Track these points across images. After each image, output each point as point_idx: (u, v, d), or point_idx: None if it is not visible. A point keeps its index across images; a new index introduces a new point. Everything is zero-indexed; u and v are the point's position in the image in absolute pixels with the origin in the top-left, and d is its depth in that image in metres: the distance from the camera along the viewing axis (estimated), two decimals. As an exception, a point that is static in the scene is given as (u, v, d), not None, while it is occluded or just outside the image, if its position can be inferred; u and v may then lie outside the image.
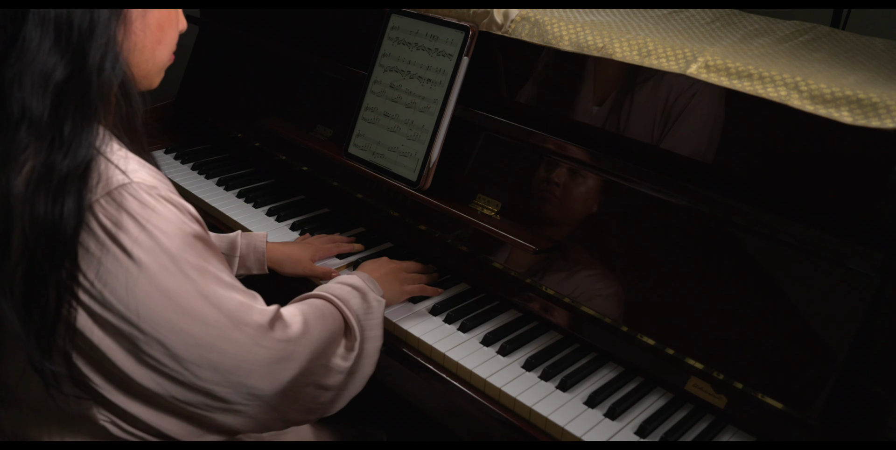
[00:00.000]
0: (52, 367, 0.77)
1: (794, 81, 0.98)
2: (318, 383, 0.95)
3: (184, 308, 0.79)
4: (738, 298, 1.02)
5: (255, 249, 1.33)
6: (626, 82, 1.16)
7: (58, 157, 0.73)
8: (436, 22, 1.35)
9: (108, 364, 0.80)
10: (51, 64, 0.73)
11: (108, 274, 0.75)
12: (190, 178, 1.71)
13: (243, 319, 0.83)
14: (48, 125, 0.74)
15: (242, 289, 0.87)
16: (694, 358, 1.04)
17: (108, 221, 0.75)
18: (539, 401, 1.07)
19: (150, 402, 0.83)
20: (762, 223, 1.01)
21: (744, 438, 1.04)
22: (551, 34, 1.22)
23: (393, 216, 1.43)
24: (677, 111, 1.10)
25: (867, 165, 0.94)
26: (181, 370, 0.80)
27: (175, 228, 0.79)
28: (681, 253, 1.08)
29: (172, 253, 0.78)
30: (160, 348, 0.79)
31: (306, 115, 1.63)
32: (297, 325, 0.92)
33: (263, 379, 0.85)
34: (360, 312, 1.06)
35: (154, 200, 0.78)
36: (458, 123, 1.33)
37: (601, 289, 1.14)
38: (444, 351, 1.15)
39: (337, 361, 0.98)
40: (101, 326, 0.78)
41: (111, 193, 0.75)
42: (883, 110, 0.91)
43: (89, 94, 0.76)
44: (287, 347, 0.88)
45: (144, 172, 0.80)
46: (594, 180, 1.18)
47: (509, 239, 1.20)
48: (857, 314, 0.93)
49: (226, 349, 0.81)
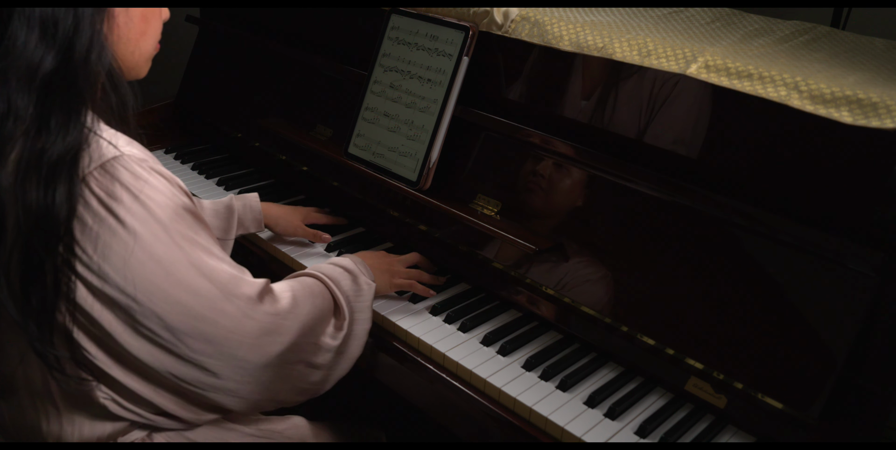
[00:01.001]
0: (53, 351, 0.79)
1: (794, 81, 0.98)
2: (308, 360, 0.97)
3: (176, 278, 0.81)
4: (738, 298, 1.02)
5: (252, 209, 1.38)
6: (626, 83, 1.16)
7: (46, 143, 0.74)
8: (436, 22, 1.35)
9: (107, 338, 0.82)
10: (37, 58, 0.75)
11: (105, 246, 0.77)
12: (190, 178, 1.71)
13: (233, 290, 0.85)
14: (34, 118, 0.75)
15: (232, 262, 0.89)
16: (694, 358, 1.04)
17: (103, 192, 0.77)
18: (539, 401, 1.07)
19: (148, 377, 0.86)
20: (763, 223, 1.01)
21: (744, 438, 1.04)
22: (551, 34, 1.23)
23: (393, 216, 1.43)
24: (680, 113, 1.10)
25: (867, 164, 0.94)
26: (175, 342, 0.82)
27: (166, 199, 0.81)
28: (681, 253, 1.08)
29: (165, 223, 0.80)
30: (156, 319, 0.81)
31: (306, 115, 1.63)
32: (286, 299, 0.94)
33: (252, 351, 0.87)
34: (350, 293, 1.07)
35: (146, 172, 0.80)
36: (458, 122, 1.33)
37: (601, 289, 1.14)
38: (444, 351, 1.15)
39: (326, 339, 1.00)
40: (100, 299, 0.80)
41: (104, 166, 0.77)
42: (883, 110, 0.91)
43: (76, 85, 0.77)
44: (275, 320, 0.90)
45: (134, 147, 0.82)
46: (594, 180, 1.18)
47: (509, 239, 1.20)
48: (857, 314, 0.93)
49: (216, 320, 0.84)
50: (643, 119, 1.14)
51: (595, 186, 1.18)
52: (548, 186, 1.23)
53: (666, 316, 1.07)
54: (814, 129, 0.97)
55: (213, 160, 1.82)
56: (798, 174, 1.00)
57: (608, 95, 1.18)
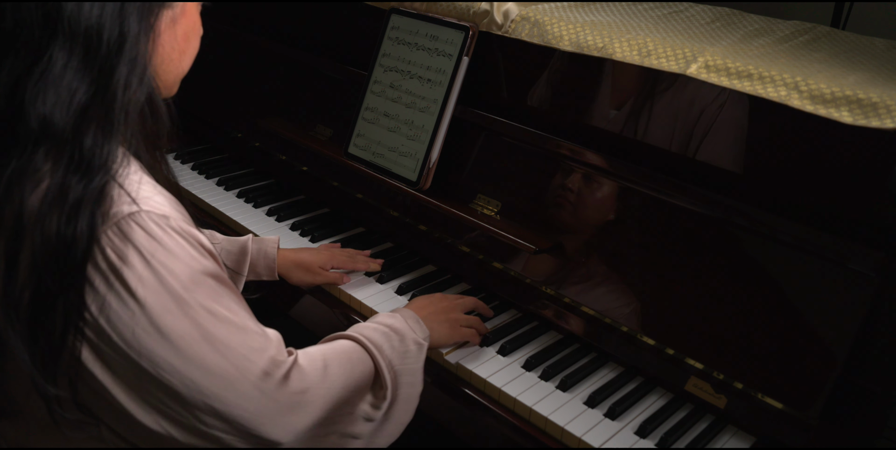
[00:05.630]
0: (56, 391, 0.74)
1: (794, 81, 0.98)
2: (343, 431, 0.89)
3: (187, 354, 0.75)
4: (738, 297, 1.02)
5: (266, 255, 1.28)
6: (627, 83, 1.16)
7: (75, 177, 0.71)
8: (436, 22, 1.34)
9: (110, 399, 0.76)
10: (77, 80, 0.72)
11: (112, 312, 0.73)
12: (190, 178, 1.71)
13: (251, 368, 0.78)
14: (68, 142, 0.71)
15: (258, 331, 0.81)
16: (694, 358, 1.04)
17: (114, 254, 0.73)
18: (539, 401, 1.07)
19: (155, 442, 0.79)
20: (763, 223, 1.01)
21: (744, 438, 1.04)
22: (551, 34, 1.22)
23: (393, 216, 1.43)
24: (681, 113, 1.10)
25: (867, 164, 0.94)
26: (187, 415, 0.76)
27: (182, 266, 0.75)
28: (681, 253, 1.08)
29: (177, 293, 0.74)
30: (165, 390, 0.75)
31: (306, 115, 1.63)
32: (315, 371, 0.86)
33: (275, 430, 0.80)
34: (393, 357, 0.97)
35: (162, 232, 0.75)
36: (457, 122, 1.33)
37: (601, 289, 1.14)
38: (444, 352, 1.15)
39: (365, 407, 0.92)
40: (105, 363, 0.75)
41: (119, 224, 0.73)
42: (883, 110, 0.91)
43: (113, 111, 0.74)
44: (300, 398, 0.82)
45: (159, 198, 0.77)
46: (594, 180, 1.18)
47: (509, 239, 1.20)
48: (857, 314, 0.93)
49: (232, 400, 0.77)
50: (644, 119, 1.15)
51: (595, 186, 1.18)
52: (549, 186, 1.23)
53: (666, 316, 1.07)
54: (814, 129, 0.97)
55: (213, 160, 1.82)
56: (798, 174, 1.00)
57: (609, 95, 1.18)
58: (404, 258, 1.41)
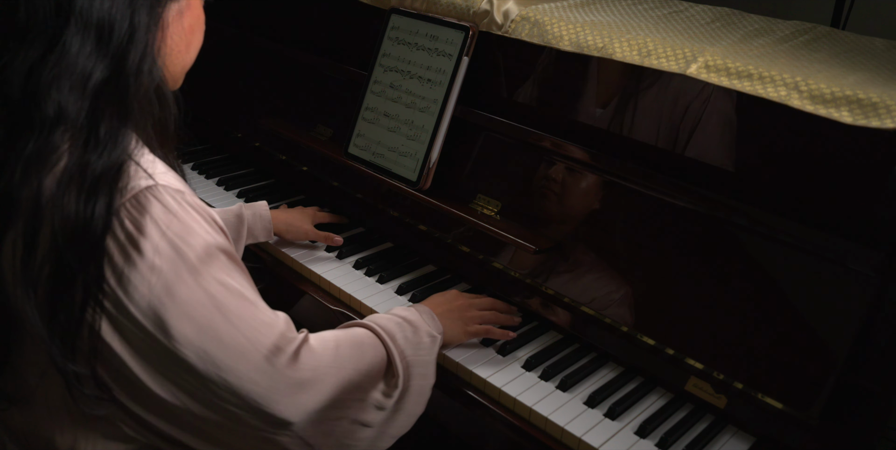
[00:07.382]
0: (74, 368, 0.75)
1: (794, 81, 0.98)
2: (354, 417, 0.89)
3: (200, 324, 0.76)
4: (738, 297, 1.02)
5: (261, 218, 1.37)
6: (628, 83, 1.16)
7: (92, 156, 0.72)
8: (436, 22, 1.34)
9: (127, 373, 0.77)
10: (90, 66, 0.73)
11: (129, 284, 0.74)
12: (190, 178, 1.71)
13: (262, 340, 0.79)
14: (84, 126, 0.73)
15: (266, 308, 0.83)
16: (694, 358, 1.04)
17: (132, 225, 0.74)
18: (539, 401, 1.07)
19: (169, 417, 0.80)
20: (762, 223, 1.01)
21: (744, 438, 1.04)
22: (551, 34, 1.22)
23: (393, 216, 1.43)
24: (680, 112, 1.10)
25: (867, 164, 0.94)
26: (201, 387, 0.77)
27: (197, 238, 0.77)
28: (681, 253, 1.08)
29: (192, 263, 0.76)
30: (179, 362, 0.76)
31: (306, 115, 1.63)
32: (327, 351, 0.87)
33: (287, 408, 0.80)
34: (406, 347, 0.98)
35: (178, 205, 0.76)
36: (457, 122, 1.33)
37: (601, 289, 1.14)
38: (444, 352, 1.15)
39: (376, 395, 0.92)
40: (123, 336, 0.76)
41: (136, 196, 0.74)
42: (883, 110, 0.91)
43: (127, 97, 0.75)
44: (310, 374, 0.83)
45: (171, 176, 0.79)
46: (594, 180, 1.18)
47: (509, 239, 1.20)
48: (857, 314, 0.93)
49: (244, 374, 0.77)
50: (645, 120, 1.15)
51: (595, 186, 1.18)
52: (548, 186, 1.23)
53: (666, 316, 1.07)
54: (814, 129, 0.97)
55: (213, 160, 1.82)
56: (798, 174, 1.00)
57: (610, 96, 1.18)
58: (404, 258, 1.41)
